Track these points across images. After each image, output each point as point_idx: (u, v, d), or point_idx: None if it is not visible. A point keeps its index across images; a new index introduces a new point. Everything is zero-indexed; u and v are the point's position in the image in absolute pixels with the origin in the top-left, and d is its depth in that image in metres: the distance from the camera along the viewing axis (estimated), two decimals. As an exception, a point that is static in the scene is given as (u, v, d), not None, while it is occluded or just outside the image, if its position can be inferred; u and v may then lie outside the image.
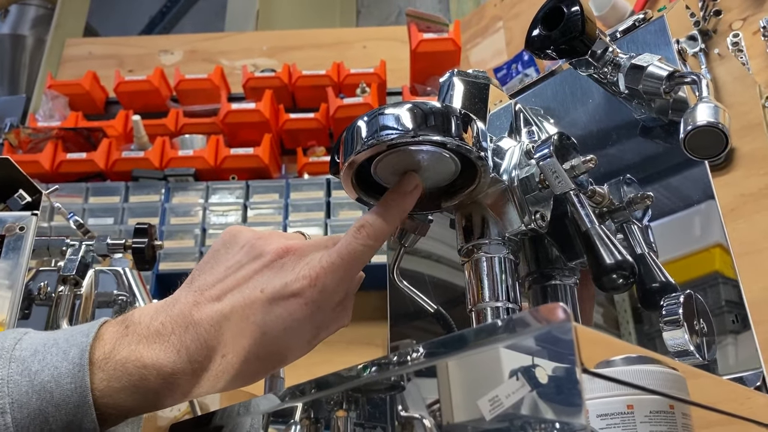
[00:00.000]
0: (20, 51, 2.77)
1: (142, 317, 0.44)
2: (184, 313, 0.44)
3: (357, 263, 0.47)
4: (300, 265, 0.46)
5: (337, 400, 0.41)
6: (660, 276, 0.52)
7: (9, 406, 0.40)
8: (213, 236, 1.91)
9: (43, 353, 0.42)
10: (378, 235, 0.48)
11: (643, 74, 0.55)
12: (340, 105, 2.07)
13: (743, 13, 1.27)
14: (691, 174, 0.57)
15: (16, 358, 0.42)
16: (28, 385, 0.41)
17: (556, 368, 0.31)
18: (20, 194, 0.78)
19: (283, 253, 0.47)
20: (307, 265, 0.46)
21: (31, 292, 0.88)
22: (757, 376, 0.49)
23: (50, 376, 0.41)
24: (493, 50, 2.17)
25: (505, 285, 0.51)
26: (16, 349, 0.42)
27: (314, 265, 0.46)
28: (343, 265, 0.47)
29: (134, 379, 0.42)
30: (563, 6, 0.55)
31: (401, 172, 0.49)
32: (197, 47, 2.51)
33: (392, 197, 0.49)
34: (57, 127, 2.11)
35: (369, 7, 3.20)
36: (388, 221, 0.48)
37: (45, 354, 0.42)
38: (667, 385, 0.39)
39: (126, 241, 0.97)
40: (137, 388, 0.42)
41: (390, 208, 0.49)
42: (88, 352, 0.41)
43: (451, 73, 0.59)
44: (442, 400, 0.36)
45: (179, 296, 0.46)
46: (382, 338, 0.65)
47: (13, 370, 0.41)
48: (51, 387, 0.41)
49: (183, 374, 0.43)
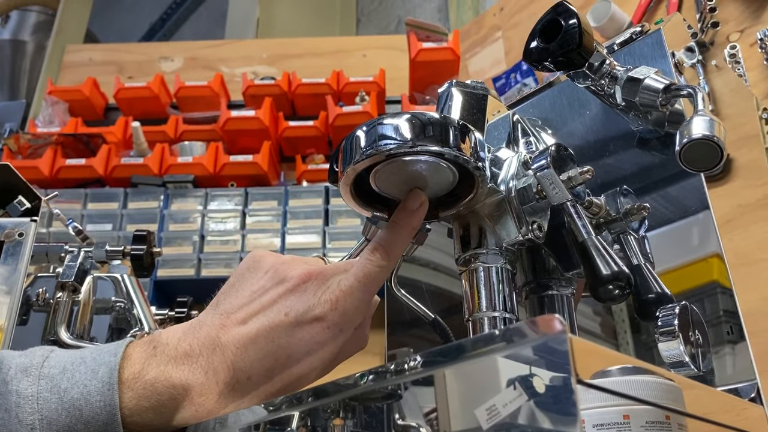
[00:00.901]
0: (21, 57, 2.78)
1: (169, 339, 0.46)
2: (211, 336, 0.45)
3: (373, 284, 0.49)
4: (322, 289, 0.48)
5: (334, 409, 0.41)
6: (656, 287, 0.53)
7: (39, 423, 0.41)
8: (211, 243, 1.91)
9: (71, 371, 0.43)
10: (391, 255, 0.50)
11: (639, 87, 0.56)
12: (340, 113, 2.08)
13: (740, 25, 1.28)
14: (687, 185, 0.57)
15: (45, 376, 0.43)
16: (57, 402, 0.42)
17: (552, 378, 0.31)
18: (19, 200, 0.78)
19: (306, 278, 0.48)
20: (328, 289, 0.48)
21: (29, 298, 0.88)
22: (752, 387, 0.49)
23: (80, 393, 0.42)
24: (492, 60, 2.18)
25: (502, 295, 0.51)
26: (44, 367, 0.43)
27: (334, 289, 0.48)
28: (360, 287, 0.48)
29: (163, 399, 0.43)
30: (561, 19, 0.55)
31: (400, 182, 0.50)
32: (197, 54, 2.52)
33: (400, 216, 0.51)
34: (56, 133, 2.11)
35: (369, 15, 3.21)
36: (399, 241, 0.50)
37: (74, 372, 0.43)
38: (664, 395, 0.39)
39: (125, 247, 0.97)
40: (166, 407, 0.43)
41: (399, 227, 0.51)
42: (117, 372, 0.43)
43: (449, 83, 0.59)
44: (440, 410, 0.36)
45: (205, 319, 0.47)
46: (379, 347, 0.65)
47: (42, 387, 0.42)
48: (80, 404, 0.42)
49: (210, 395, 0.44)
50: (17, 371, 0.43)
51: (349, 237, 1.88)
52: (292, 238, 1.89)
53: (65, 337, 0.86)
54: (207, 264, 1.87)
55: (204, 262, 1.87)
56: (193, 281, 1.84)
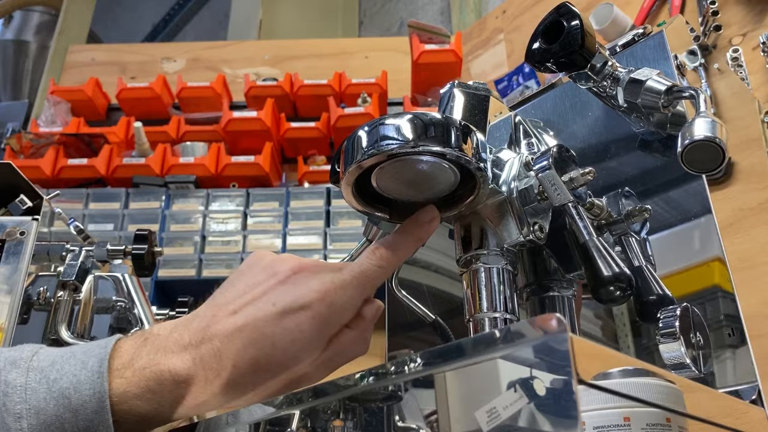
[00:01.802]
0: (23, 57, 2.78)
1: (161, 330, 0.47)
2: (202, 327, 0.46)
3: (368, 283, 0.49)
4: (312, 281, 0.48)
5: (334, 409, 0.41)
6: (657, 289, 0.53)
7: (26, 412, 0.42)
8: (213, 243, 1.91)
9: (61, 363, 0.44)
10: (391, 258, 0.50)
11: (641, 88, 0.56)
12: (341, 114, 2.07)
13: (743, 28, 1.28)
14: (689, 188, 0.57)
15: (34, 368, 0.44)
16: (46, 392, 0.42)
17: (553, 380, 0.31)
18: (21, 199, 0.78)
19: (298, 270, 0.49)
20: (319, 281, 0.48)
21: (30, 297, 0.88)
22: (753, 389, 0.49)
23: (69, 383, 0.43)
24: (494, 62, 2.18)
25: (503, 296, 0.51)
26: (33, 360, 0.44)
27: (325, 281, 0.48)
28: (353, 283, 0.49)
29: (151, 384, 0.43)
30: (563, 20, 0.55)
31: (401, 182, 0.50)
32: (200, 55, 2.52)
33: (410, 225, 0.51)
34: (59, 132, 2.11)
35: (371, 17, 3.22)
36: (403, 248, 0.51)
37: (63, 364, 0.44)
38: (664, 398, 0.39)
39: (126, 247, 0.97)
40: (154, 394, 0.44)
41: (406, 235, 0.51)
42: (107, 361, 0.44)
43: (451, 84, 0.59)
44: (440, 411, 0.36)
45: (199, 311, 0.48)
46: (380, 348, 0.65)
47: (31, 378, 0.43)
48: (69, 393, 0.42)
49: (197, 381, 0.44)
50: (6, 363, 0.44)
51: (351, 238, 1.88)
52: (294, 239, 1.89)
53: (66, 336, 0.86)
54: (208, 264, 1.87)
55: (205, 262, 1.87)
56: (194, 282, 1.84)
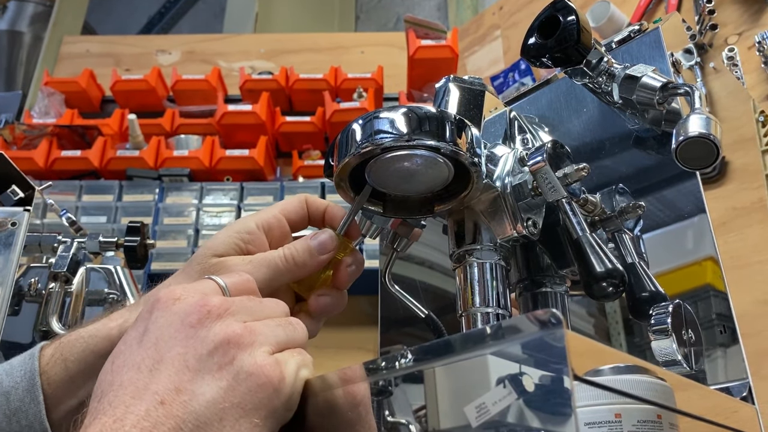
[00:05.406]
0: (17, 47, 2.76)
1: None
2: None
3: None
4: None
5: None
6: (650, 285, 0.53)
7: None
8: (206, 237, 1.90)
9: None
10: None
11: (637, 84, 0.56)
12: (337, 109, 2.07)
13: (739, 28, 1.29)
14: (683, 187, 0.57)
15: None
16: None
17: (545, 376, 0.31)
18: (13, 190, 0.77)
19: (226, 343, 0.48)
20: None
21: (21, 288, 0.88)
22: (743, 386, 0.49)
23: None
24: (490, 58, 2.17)
25: (496, 291, 0.51)
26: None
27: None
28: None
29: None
30: (559, 15, 0.55)
31: (395, 176, 0.49)
32: (195, 48, 2.51)
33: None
34: (52, 124, 2.10)
35: (368, 12, 3.21)
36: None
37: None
38: (656, 395, 0.39)
39: (118, 239, 0.97)
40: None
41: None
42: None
43: (447, 79, 0.59)
44: (429, 406, 0.36)
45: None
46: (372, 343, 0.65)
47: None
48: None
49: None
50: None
51: (344, 233, 1.87)
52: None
53: (57, 327, 0.85)
54: (201, 258, 1.87)
55: (198, 256, 1.87)
56: (187, 275, 1.83)
